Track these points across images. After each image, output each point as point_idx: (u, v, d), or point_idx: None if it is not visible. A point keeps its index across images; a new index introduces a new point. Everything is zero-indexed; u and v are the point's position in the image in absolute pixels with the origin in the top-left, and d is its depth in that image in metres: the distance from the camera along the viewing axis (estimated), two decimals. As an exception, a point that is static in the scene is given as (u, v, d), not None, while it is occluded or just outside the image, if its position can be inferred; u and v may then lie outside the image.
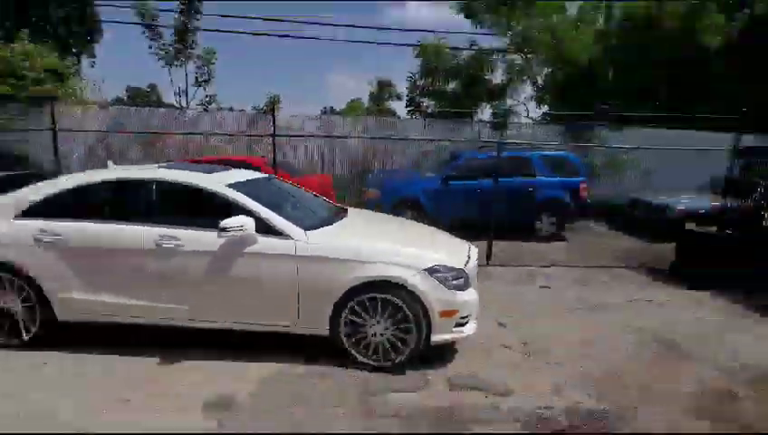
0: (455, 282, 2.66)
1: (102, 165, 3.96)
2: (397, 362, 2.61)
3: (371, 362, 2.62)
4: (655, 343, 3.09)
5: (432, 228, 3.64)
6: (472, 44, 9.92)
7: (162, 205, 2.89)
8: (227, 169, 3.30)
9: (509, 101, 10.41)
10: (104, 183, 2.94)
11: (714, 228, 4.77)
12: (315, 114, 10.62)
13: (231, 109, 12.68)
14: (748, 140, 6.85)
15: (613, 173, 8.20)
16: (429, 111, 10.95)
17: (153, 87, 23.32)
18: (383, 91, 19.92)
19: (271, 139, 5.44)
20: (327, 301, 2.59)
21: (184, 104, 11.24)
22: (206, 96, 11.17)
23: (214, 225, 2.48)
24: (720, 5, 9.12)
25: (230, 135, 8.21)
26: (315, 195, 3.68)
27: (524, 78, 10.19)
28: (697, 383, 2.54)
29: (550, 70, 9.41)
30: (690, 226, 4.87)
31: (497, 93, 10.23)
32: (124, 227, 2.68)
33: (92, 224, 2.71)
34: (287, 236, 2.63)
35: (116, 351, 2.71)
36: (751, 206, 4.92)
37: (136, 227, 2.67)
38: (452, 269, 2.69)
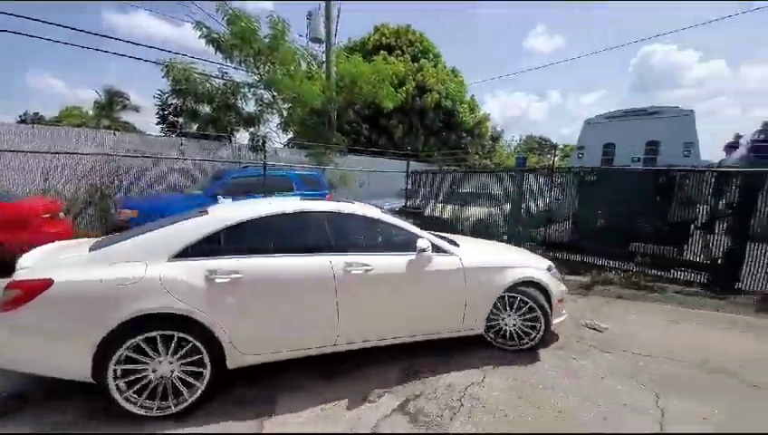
0: (559, 277, 3.64)
1: None
2: (528, 346, 3.24)
3: (507, 347, 3.26)
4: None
5: (502, 243, 4.68)
6: (224, 74, 10.71)
7: (339, 234, 2.85)
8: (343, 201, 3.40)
9: (263, 128, 11.96)
10: (282, 216, 2.74)
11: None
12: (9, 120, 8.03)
13: None
14: (413, 165, 11.65)
15: (344, 186, 11.37)
16: (183, 130, 10.70)
17: None
18: (114, 101, 16.61)
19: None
20: (486, 303, 3.13)
21: None
22: None
23: (391, 249, 2.93)
24: (392, 84, 14.55)
25: None
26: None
27: (273, 111, 12.03)
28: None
29: (291, 106, 11.64)
30: None
31: (252, 121, 11.54)
32: (309, 257, 2.62)
33: (272, 258, 2.53)
34: (451, 253, 3.07)
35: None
36: (419, 203, 8.73)
37: (321, 256, 2.63)
38: (554, 268, 3.62)
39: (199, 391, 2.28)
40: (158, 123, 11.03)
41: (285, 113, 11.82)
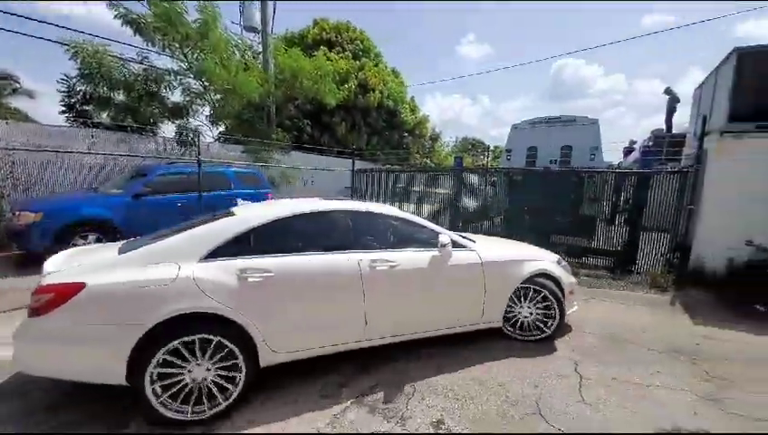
0: (569, 269, 3.82)
1: None
2: (541, 337, 3.39)
3: (518, 337, 3.42)
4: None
5: (511, 240, 4.66)
6: (143, 59, 9.59)
7: (363, 232, 2.93)
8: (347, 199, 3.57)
9: (192, 121, 11.00)
10: (308, 215, 2.80)
11: None
12: None
13: None
14: (358, 164, 11.66)
15: (287, 184, 10.98)
16: (93, 120, 9.37)
17: None
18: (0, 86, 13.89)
19: None
20: (504, 296, 3.26)
21: None
22: None
23: (412, 245, 3.01)
24: (334, 81, 14.35)
25: None
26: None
27: (203, 102, 11.12)
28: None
29: (224, 98, 10.88)
30: None
31: (179, 112, 10.55)
32: (336, 255, 2.66)
33: (301, 256, 2.57)
34: (469, 248, 3.20)
35: None
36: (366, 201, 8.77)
37: (347, 254, 2.69)
38: (563, 260, 3.84)
39: (236, 392, 2.29)
40: (62, 112, 9.46)
41: (217, 105, 11.02)
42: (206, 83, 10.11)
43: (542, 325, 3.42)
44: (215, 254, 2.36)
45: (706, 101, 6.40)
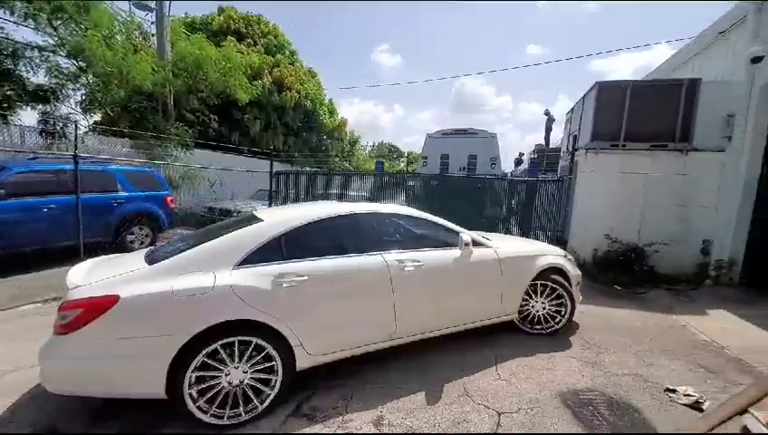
0: (574, 262, 3.94)
1: None
2: (554, 329, 3.60)
3: (525, 329, 3.62)
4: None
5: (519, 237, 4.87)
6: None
7: (389, 234, 3.05)
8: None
9: (63, 108, 9.03)
10: (336, 218, 2.82)
11: None
12: None
13: None
14: (275, 166, 11.01)
15: (189, 185, 9.82)
16: None
17: None
18: None
19: None
20: (520, 289, 3.42)
21: None
22: None
23: (434, 245, 3.10)
24: (246, 75, 13.31)
25: None
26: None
27: (77, 86, 9.23)
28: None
29: (105, 83, 9.22)
30: None
31: (44, 96, 8.54)
32: (364, 257, 2.70)
33: (332, 259, 2.58)
34: (487, 246, 3.31)
35: None
36: (283, 204, 8.31)
37: (375, 255, 2.73)
38: (569, 254, 3.96)
39: (273, 395, 2.30)
40: None
41: (96, 90, 9.26)
42: (84, 64, 8.41)
43: (552, 319, 3.60)
44: (248, 260, 2.34)
45: (575, 122, 7.88)
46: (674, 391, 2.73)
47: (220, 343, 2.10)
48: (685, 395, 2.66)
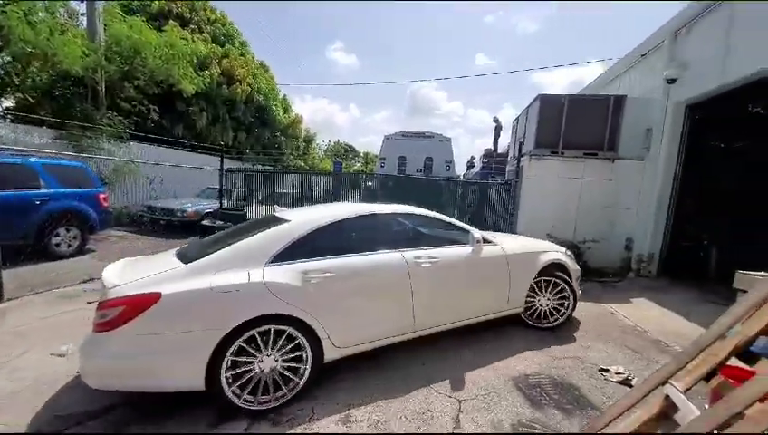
0: (573, 258, 4.13)
1: None
2: (555, 323, 3.82)
3: (532, 324, 3.80)
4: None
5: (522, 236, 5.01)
6: None
7: (406, 232, 3.25)
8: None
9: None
10: (358, 217, 2.97)
11: (220, 221, 6.82)
12: None
13: None
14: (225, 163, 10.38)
15: (124, 182, 8.96)
16: None
17: None
18: None
19: None
20: (525, 284, 3.58)
21: None
22: None
23: (447, 242, 3.28)
24: (192, 64, 12.38)
25: None
26: None
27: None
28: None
29: (24, 66, 8.09)
30: (206, 222, 6.82)
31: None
32: (385, 254, 2.85)
33: (356, 257, 2.73)
34: (495, 243, 3.49)
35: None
36: (241, 204, 7.79)
37: (394, 252, 2.89)
38: (569, 251, 4.14)
39: (302, 383, 2.43)
40: None
41: (12, 72, 8.08)
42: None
43: (555, 313, 3.81)
44: (278, 258, 2.47)
45: (521, 130, 8.50)
46: (607, 370, 3.09)
47: (256, 331, 2.24)
48: (616, 373, 3.03)
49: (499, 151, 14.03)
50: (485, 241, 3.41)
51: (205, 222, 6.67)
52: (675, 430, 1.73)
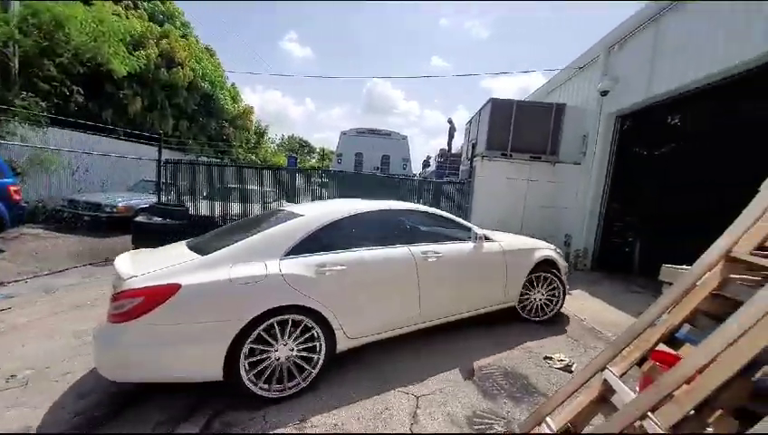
0: (562, 255, 4.25)
1: None
2: (546, 317, 4.01)
3: (526, 317, 3.96)
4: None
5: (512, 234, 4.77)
6: None
7: (412, 228, 3.34)
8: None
9: None
10: (368, 213, 3.07)
11: (158, 218, 6.07)
12: None
13: None
14: (165, 154, 9.46)
15: (41, 172, 7.85)
16: None
17: None
18: None
19: None
20: (520, 279, 3.82)
21: None
22: None
23: (450, 238, 3.44)
24: (125, 42, 11.11)
25: None
26: None
27: None
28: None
29: None
30: (140, 218, 6.05)
31: None
32: (393, 248, 2.97)
33: (366, 251, 2.82)
34: (493, 240, 3.71)
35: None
36: (181, 199, 7.01)
37: (402, 247, 3.01)
38: (557, 248, 4.26)
39: (315, 372, 2.50)
40: None
41: None
42: None
43: (546, 307, 4.01)
44: (293, 251, 2.53)
45: (474, 132, 8.86)
46: (551, 358, 3.31)
47: (275, 320, 2.30)
48: (559, 360, 3.26)
49: (453, 152, 14.51)
50: (486, 238, 3.61)
51: (139, 218, 5.98)
52: (613, 412, 1.89)
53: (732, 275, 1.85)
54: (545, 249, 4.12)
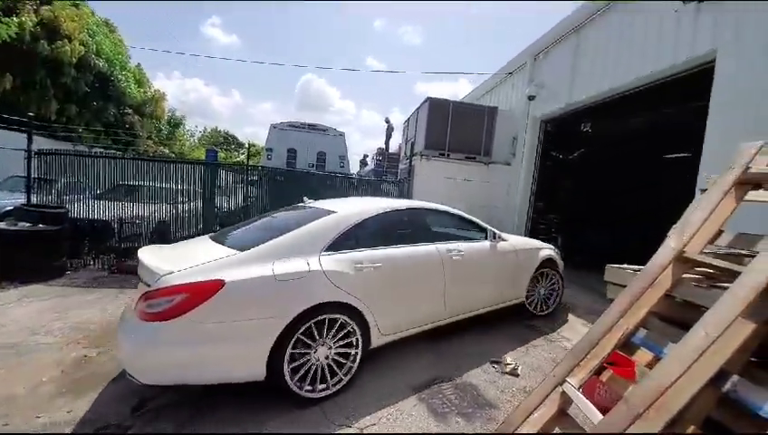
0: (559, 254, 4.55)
1: None
2: (549, 310, 4.27)
3: (533, 312, 4.15)
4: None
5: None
6: None
7: (436, 227, 3.44)
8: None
9: None
10: (397, 211, 3.14)
11: (26, 224, 4.79)
12: None
13: None
14: (42, 142, 7.57)
15: None
16: None
17: None
18: None
19: None
20: (527, 276, 3.99)
21: None
22: None
23: (467, 237, 3.55)
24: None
25: None
26: None
27: None
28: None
29: None
30: (2, 225, 4.61)
31: None
32: (421, 246, 3.05)
33: (398, 248, 2.89)
34: (505, 239, 3.81)
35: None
36: (60, 200, 5.53)
37: (429, 245, 3.10)
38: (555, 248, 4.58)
39: (354, 367, 2.53)
40: None
41: None
42: None
43: (547, 301, 4.22)
44: (331, 247, 2.53)
45: (411, 131, 8.82)
46: (498, 362, 3.21)
47: (314, 320, 2.26)
48: (506, 364, 3.18)
49: (390, 151, 14.47)
50: (498, 237, 3.77)
51: (0, 225, 4.60)
52: (572, 425, 1.76)
53: (685, 276, 1.86)
54: (547, 249, 4.37)
